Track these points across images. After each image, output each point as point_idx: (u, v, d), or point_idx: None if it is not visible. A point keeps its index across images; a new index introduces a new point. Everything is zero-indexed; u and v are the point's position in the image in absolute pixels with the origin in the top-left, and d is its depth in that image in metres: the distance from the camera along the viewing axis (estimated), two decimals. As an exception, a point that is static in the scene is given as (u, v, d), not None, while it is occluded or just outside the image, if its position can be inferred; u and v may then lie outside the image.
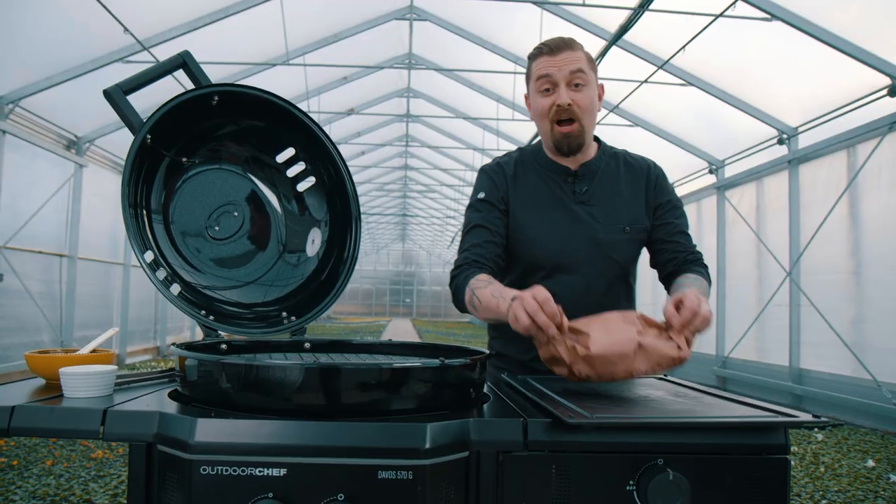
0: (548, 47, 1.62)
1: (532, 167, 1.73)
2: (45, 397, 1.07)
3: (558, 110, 1.60)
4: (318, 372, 0.96)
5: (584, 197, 1.68)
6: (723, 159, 8.66)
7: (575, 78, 1.59)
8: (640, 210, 1.69)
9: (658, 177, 1.74)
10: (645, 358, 1.17)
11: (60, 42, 6.55)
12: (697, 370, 9.15)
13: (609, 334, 1.18)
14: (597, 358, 1.15)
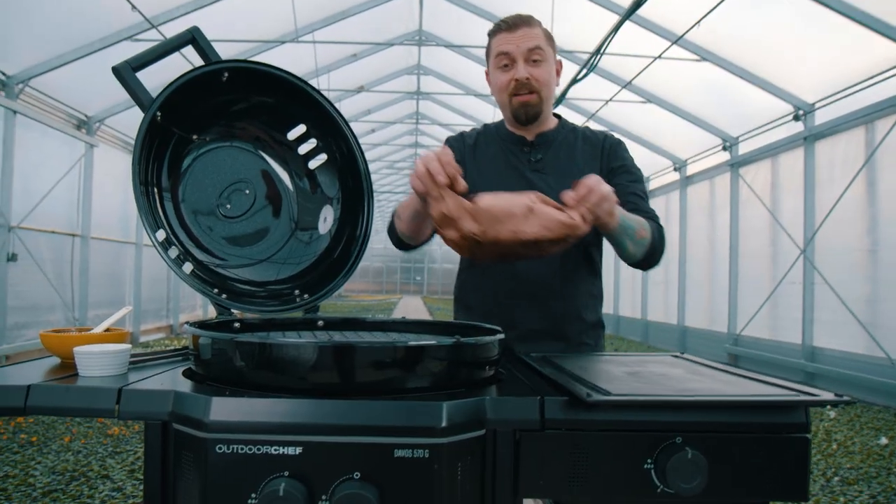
0: (506, 24, 1.68)
1: (493, 139, 1.79)
2: (61, 376, 1.07)
3: (517, 85, 1.65)
4: (333, 350, 0.95)
5: (538, 165, 1.72)
6: (737, 136, 8.56)
7: (532, 54, 1.64)
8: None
9: (613, 144, 1.75)
10: (535, 220, 1.14)
11: (69, 21, 6.53)
12: (709, 347, 9.13)
13: (497, 196, 1.17)
14: (483, 212, 1.13)
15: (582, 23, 7.80)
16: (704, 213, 9.77)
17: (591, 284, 1.75)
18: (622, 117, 9.95)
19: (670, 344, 10.53)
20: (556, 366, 1.26)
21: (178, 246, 1.42)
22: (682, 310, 10.32)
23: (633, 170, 1.73)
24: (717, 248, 9.26)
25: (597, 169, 1.69)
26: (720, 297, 9.05)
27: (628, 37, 7.07)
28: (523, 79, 1.63)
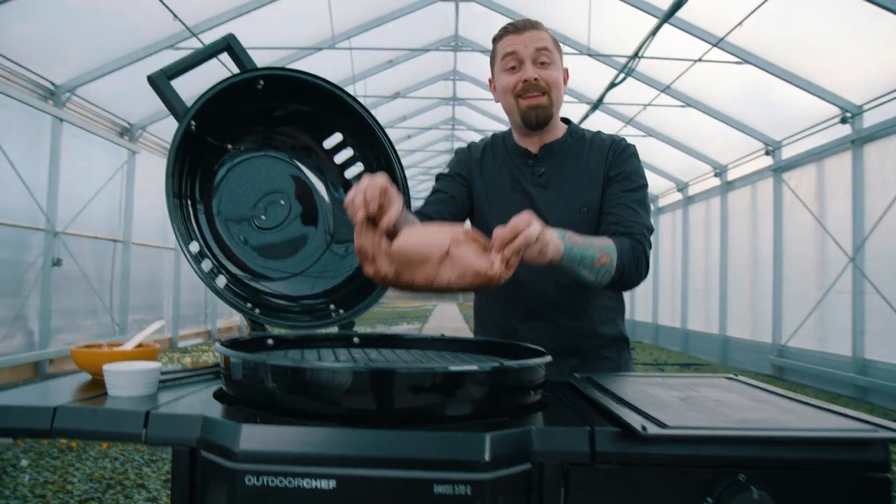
0: (513, 27, 1.61)
1: (500, 151, 1.71)
2: (89, 395, 1.03)
3: (525, 85, 1.57)
4: (370, 376, 0.90)
5: (542, 179, 1.64)
6: (780, 140, 8.34)
7: (540, 55, 1.57)
8: (597, 188, 1.61)
9: (618, 150, 1.63)
10: (450, 266, 1.07)
11: (113, 31, 6.65)
12: (752, 358, 8.89)
13: (419, 236, 1.10)
14: (397, 255, 1.07)
15: (619, 26, 7.68)
16: (746, 220, 9.53)
17: (607, 297, 1.65)
18: (660, 122, 9.77)
19: (712, 354, 10.29)
20: (603, 388, 1.19)
21: (211, 258, 1.38)
22: (723, 319, 10.08)
23: (632, 177, 1.60)
24: (760, 255, 9.02)
25: (600, 178, 1.60)
26: (764, 307, 8.81)
27: (667, 40, 6.94)
28: (532, 79, 1.55)
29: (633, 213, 1.54)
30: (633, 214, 1.54)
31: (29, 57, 6.46)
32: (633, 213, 1.54)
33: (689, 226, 11.66)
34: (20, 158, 6.43)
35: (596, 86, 8.82)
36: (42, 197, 6.87)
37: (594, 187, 1.60)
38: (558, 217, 1.57)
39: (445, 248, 1.07)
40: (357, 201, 1.07)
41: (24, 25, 5.94)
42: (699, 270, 11.26)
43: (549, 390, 1.22)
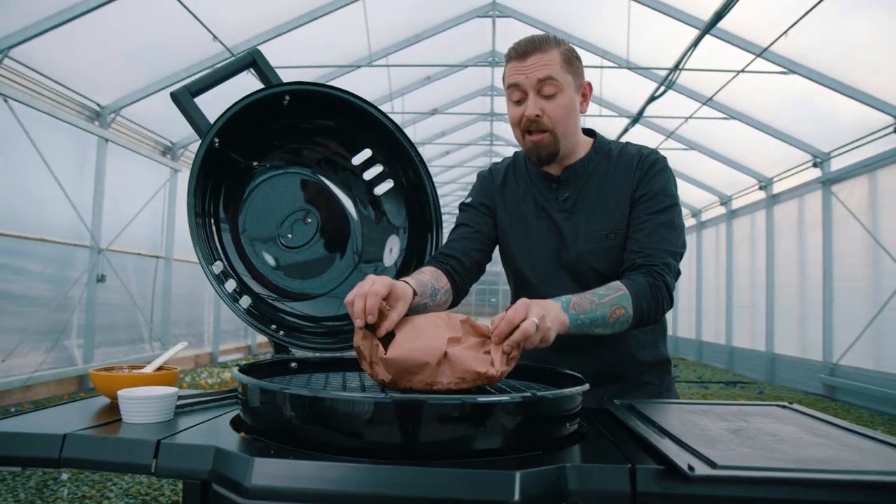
0: (516, 52, 1.46)
1: (522, 174, 1.61)
2: (103, 422, 0.99)
3: (526, 122, 1.46)
4: (391, 408, 0.84)
5: (566, 204, 1.53)
6: (828, 151, 8.07)
7: (544, 86, 1.43)
8: (625, 211, 1.50)
9: (645, 167, 1.51)
10: (448, 370, 1.03)
11: (155, 53, 6.79)
12: (801, 377, 8.58)
13: (415, 339, 1.06)
14: (392, 363, 1.04)
15: (659, 38, 7.56)
16: (793, 234, 9.24)
17: None
18: (703, 135, 9.57)
19: (758, 372, 9.97)
20: (644, 417, 1.11)
21: (235, 278, 1.34)
22: (770, 336, 9.76)
23: (659, 196, 1.48)
24: (808, 270, 8.73)
25: (627, 199, 1.50)
26: (813, 324, 8.50)
27: (708, 51, 6.79)
28: (532, 116, 1.43)
29: (658, 238, 1.44)
30: (656, 240, 1.44)
31: (76, 80, 6.63)
32: (658, 239, 1.44)
33: (734, 240, 11.38)
34: (67, 178, 6.59)
35: (636, 99, 8.69)
36: (87, 214, 7.02)
37: (621, 210, 1.50)
38: (584, 245, 1.49)
39: (442, 352, 1.03)
40: (356, 309, 1.05)
41: (70, 49, 6.10)
42: (744, 286, 10.96)
43: (586, 419, 1.14)
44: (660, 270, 1.39)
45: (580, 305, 1.26)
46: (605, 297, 1.30)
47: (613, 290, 1.33)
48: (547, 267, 1.53)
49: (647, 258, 1.41)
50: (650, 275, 1.38)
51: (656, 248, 1.42)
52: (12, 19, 5.48)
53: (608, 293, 1.32)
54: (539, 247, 1.54)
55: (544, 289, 1.52)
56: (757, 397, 7.48)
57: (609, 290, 1.33)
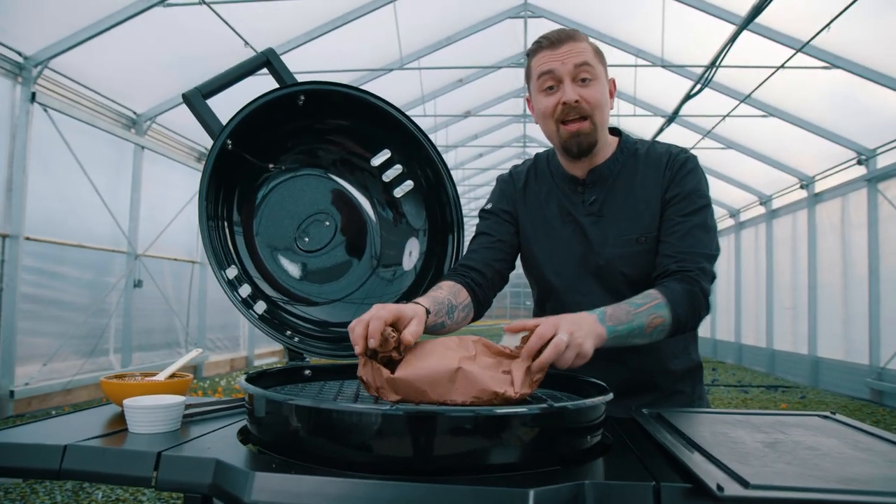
0: (548, 40, 1.41)
1: (544, 176, 1.54)
2: (109, 432, 0.97)
3: (564, 109, 1.38)
4: (399, 421, 0.79)
5: (593, 208, 1.46)
6: (874, 148, 7.81)
7: (581, 72, 1.37)
8: (655, 214, 1.43)
9: (676, 166, 1.44)
10: (463, 388, 0.97)
11: (188, 60, 6.87)
12: (847, 381, 8.31)
13: (425, 359, 1.01)
14: (401, 383, 0.98)
15: (694, 35, 7.40)
16: (836, 234, 8.97)
17: None
18: (741, 133, 9.35)
19: (800, 376, 9.69)
20: (673, 429, 1.04)
21: (250, 283, 1.31)
22: (813, 339, 9.48)
23: (691, 197, 1.42)
24: (853, 271, 8.45)
25: (657, 200, 1.43)
26: (858, 326, 8.23)
27: (746, 47, 6.62)
28: (572, 102, 1.36)
29: (692, 240, 1.38)
30: (690, 243, 1.37)
31: (112, 89, 6.75)
32: (692, 242, 1.37)
33: (774, 241, 11.10)
34: (104, 185, 6.71)
35: (671, 98, 8.53)
36: (124, 221, 7.14)
37: (652, 213, 1.43)
38: (613, 250, 1.42)
39: (454, 368, 0.98)
40: (356, 335, 1.00)
41: (107, 59, 6.21)
42: (785, 287, 10.67)
43: (611, 429, 1.08)
44: (695, 276, 1.33)
45: (616, 316, 1.21)
46: (641, 306, 1.25)
47: (650, 298, 1.27)
48: (573, 273, 1.46)
49: (681, 263, 1.34)
50: (686, 281, 1.32)
51: (690, 251, 1.36)
52: (50, 31, 5.60)
53: (644, 302, 1.26)
54: (564, 253, 1.48)
55: (570, 296, 1.46)
56: (799, 402, 7.27)
57: (645, 298, 1.27)
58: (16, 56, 5.55)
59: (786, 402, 7.13)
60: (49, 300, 6.11)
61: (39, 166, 5.86)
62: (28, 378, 5.72)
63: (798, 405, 7.03)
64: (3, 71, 5.49)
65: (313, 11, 6.99)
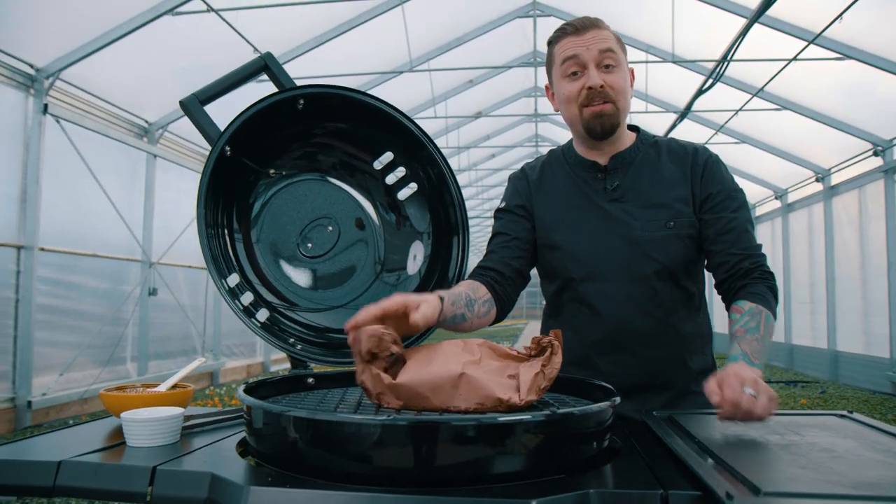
0: (572, 27, 1.42)
1: (561, 167, 1.53)
2: (107, 446, 0.95)
3: (589, 93, 1.39)
4: (398, 431, 0.77)
5: (616, 193, 1.44)
6: (890, 139, 7.69)
7: (605, 58, 1.39)
8: (685, 201, 1.42)
9: (706, 162, 1.45)
10: (466, 394, 0.95)
11: (198, 68, 6.90)
12: (867, 375, 8.19)
13: (427, 363, 0.99)
14: (403, 389, 0.96)
15: (705, 29, 7.33)
16: (853, 226, 8.84)
17: (695, 323, 1.47)
18: (754, 127, 9.25)
19: (820, 370, 9.57)
20: (685, 432, 1.01)
21: (252, 291, 1.30)
22: (832, 333, 9.36)
23: (733, 194, 1.44)
24: (871, 263, 8.33)
25: (686, 190, 1.43)
26: (878, 319, 8.10)
27: (758, 40, 6.54)
28: (597, 86, 1.37)
29: (749, 236, 1.41)
30: (749, 238, 1.41)
31: (124, 98, 6.80)
32: (749, 237, 1.41)
33: (790, 235, 10.98)
34: (118, 193, 6.75)
35: (683, 93, 8.46)
36: (138, 229, 7.18)
37: (681, 200, 1.42)
38: (641, 234, 1.40)
39: (457, 374, 0.96)
40: (351, 337, 1.00)
41: (118, 69, 6.25)
42: (803, 282, 10.55)
43: (620, 433, 1.05)
44: (767, 269, 1.40)
45: (756, 351, 1.26)
46: (758, 329, 1.29)
47: (759, 317, 1.31)
48: (598, 260, 1.43)
49: (754, 261, 1.39)
50: (763, 278, 1.38)
51: (752, 246, 1.40)
52: (61, 43, 5.64)
53: (758, 321, 1.30)
54: (588, 239, 1.45)
55: (592, 285, 1.43)
56: (819, 397, 7.17)
57: (754, 318, 1.31)
58: (27, 68, 5.60)
59: (805, 398, 7.04)
60: (65, 310, 6.16)
61: (53, 177, 5.90)
62: (45, 388, 5.76)
63: (818, 400, 6.93)
64: (15, 83, 5.54)
65: (322, 16, 6.99)
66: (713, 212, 1.41)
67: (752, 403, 1.01)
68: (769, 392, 1.05)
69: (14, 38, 5.36)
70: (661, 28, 7.59)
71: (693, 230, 1.41)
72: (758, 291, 1.35)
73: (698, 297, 1.47)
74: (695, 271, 1.45)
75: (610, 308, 1.40)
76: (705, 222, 1.42)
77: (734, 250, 1.38)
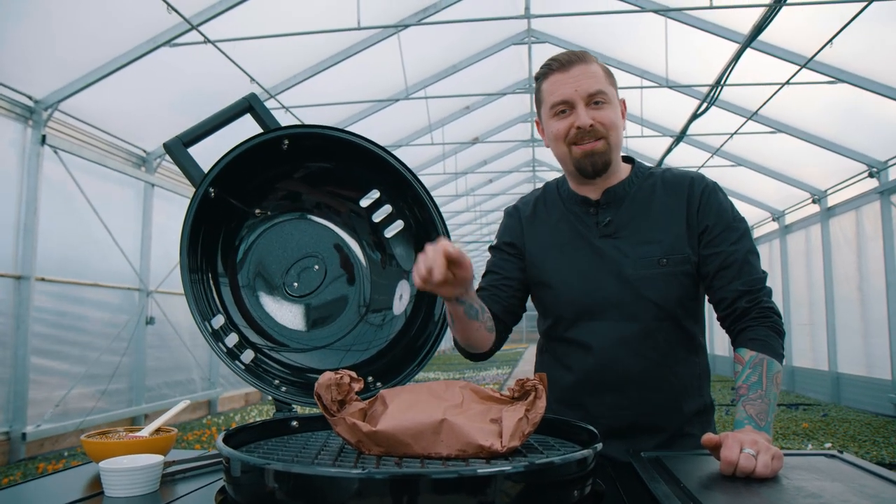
0: (558, 62, 1.40)
1: (554, 203, 1.51)
2: (84, 497, 0.94)
3: (578, 133, 1.36)
4: (375, 485, 0.76)
5: (608, 229, 1.42)
6: (885, 160, 7.72)
7: (595, 97, 1.36)
8: (680, 237, 1.38)
9: (703, 192, 1.41)
10: (448, 440, 0.95)
11: (196, 97, 6.96)
12: (869, 397, 8.14)
13: (409, 408, 0.98)
14: (382, 436, 0.95)
15: (698, 55, 7.40)
16: (850, 248, 8.85)
17: (692, 364, 1.43)
18: (750, 150, 9.30)
19: (821, 393, 9.52)
20: (671, 476, 1.00)
21: (237, 333, 1.29)
22: (833, 355, 9.32)
23: (734, 224, 1.40)
24: (870, 284, 8.32)
25: (681, 224, 1.39)
26: (878, 340, 8.08)
27: (751, 65, 6.61)
28: (586, 126, 1.35)
29: (751, 268, 1.36)
30: (750, 271, 1.36)
31: (122, 128, 6.84)
32: (750, 269, 1.36)
33: (788, 256, 10.98)
34: (116, 223, 6.76)
35: (678, 118, 8.52)
36: (136, 258, 7.18)
37: (675, 236, 1.39)
38: (634, 272, 1.37)
39: (438, 420, 0.96)
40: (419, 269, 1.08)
41: (116, 99, 6.30)
42: (802, 303, 10.53)
43: (605, 476, 1.04)
44: (769, 305, 1.34)
45: (763, 413, 1.23)
46: (761, 383, 1.25)
47: (760, 367, 1.27)
48: (589, 300, 1.40)
49: (751, 298, 1.33)
50: (764, 316, 1.33)
51: (753, 279, 1.35)
52: (60, 74, 5.69)
53: (760, 374, 1.27)
54: (578, 278, 1.42)
55: (583, 325, 1.41)
56: (821, 420, 7.12)
57: (756, 370, 1.27)
58: (26, 100, 5.65)
59: (807, 422, 6.99)
60: (62, 340, 6.13)
61: (51, 207, 5.92)
62: (40, 420, 5.72)
63: (820, 424, 6.88)
64: (14, 115, 5.58)
65: (318, 46, 7.06)
66: (712, 246, 1.38)
67: (750, 462, 1.01)
68: (772, 451, 1.05)
69: (12, 70, 5.41)
70: (655, 54, 7.66)
71: (689, 266, 1.38)
72: (758, 336, 1.30)
73: (698, 335, 1.44)
74: (694, 309, 1.42)
75: (601, 347, 1.38)
76: (705, 258, 1.38)
77: (734, 286, 1.34)
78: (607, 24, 7.69)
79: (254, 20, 6.16)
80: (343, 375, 0.99)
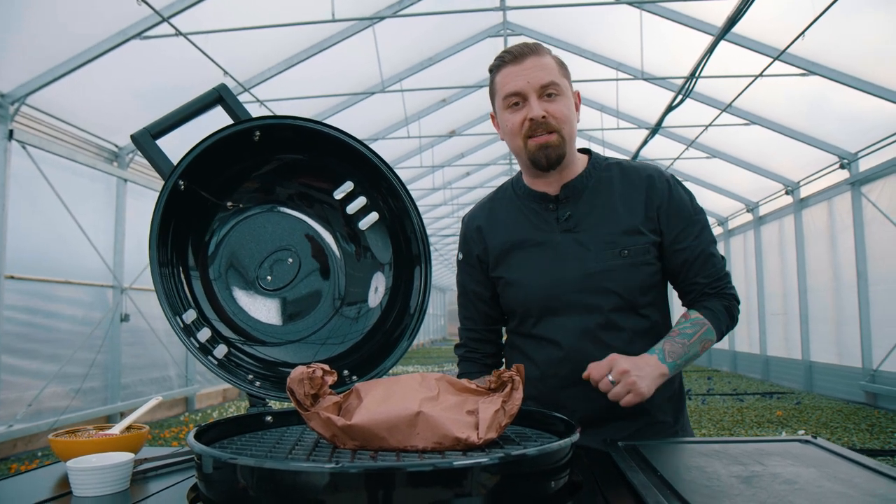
0: (510, 55, 1.41)
1: (510, 202, 1.52)
2: (51, 497, 0.92)
3: (532, 125, 1.37)
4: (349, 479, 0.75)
5: (569, 224, 1.43)
6: (855, 152, 7.85)
7: (547, 89, 1.37)
8: (641, 228, 1.40)
9: (664, 188, 1.43)
10: (423, 433, 0.94)
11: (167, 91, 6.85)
12: (841, 385, 8.29)
13: (384, 401, 0.98)
14: (358, 430, 0.95)
15: (673, 47, 7.45)
16: (823, 238, 8.99)
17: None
18: (724, 142, 9.40)
19: (795, 381, 9.67)
20: (647, 464, 1.00)
21: (209, 327, 1.27)
22: (806, 344, 9.48)
23: (695, 218, 1.42)
24: (842, 274, 8.46)
25: (641, 218, 1.40)
26: (849, 329, 8.22)
27: (725, 57, 6.67)
28: (539, 118, 1.35)
29: (714, 260, 1.43)
30: (713, 263, 1.43)
31: (92, 123, 6.72)
32: (714, 261, 1.44)
33: (762, 247, 11.13)
34: (88, 219, 6.65)
35: (654, 110, 8.57)
36: (109, 255, 7.08)
37: (636, 226, 1.40)
38: (595, 264, 1.38)
39: (414, 412, 0.95)
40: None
41: (86, 93, 6.18)
42: (776, 293, 10.68)
43: (581, 466, 1.04)
44: (730, 291, 1.44)
45: (675, 352, 1.31)
46: (693, 335, 1.34)
47: (699, 326, 1.36)
48: (552, 294, 1.42)
49: (716, 287, 1.43)
50: (724, 298, 1.42)
51: (717, 272, 1.43)
52: (27, 67, 5.57)
53: (695, 330, 1.36)
54: (541, 273, 1.43)
55: (550, 319, 1.42)
56: (795, 408, 7.23)
57: (695, 326, 1.36)
58: (-8, 95, 5.52)
59: (781, 410, 7.09)
60: (34, 338, 6.03)
61: (20, 204, 5.80)
62: (12, 420, 5.62)
63: (794, 411, 6.98)
64: (-21, 110, 5.45)
65: (292, 38, 6.98)
66: (676, 242, 1.41)
67: (606, 386, 1.21)
68: (633, 387, 1.20)
69: (-23, 64, 5.28)
70: (630, 46, 7.70)
71: (650, 256, 1.40)
72: (711, 307, 1.40)
73: (662, 324, 1.45)
74: (656, 298, 1.44)
75: (568, 341, 1.40)
76: (668, 254, 1.42)
77: (698, 280, 1.42)
78: (583, 17, 7.70)
79: (227, 12, 6.08)
80: (315, 369, 0.98)
